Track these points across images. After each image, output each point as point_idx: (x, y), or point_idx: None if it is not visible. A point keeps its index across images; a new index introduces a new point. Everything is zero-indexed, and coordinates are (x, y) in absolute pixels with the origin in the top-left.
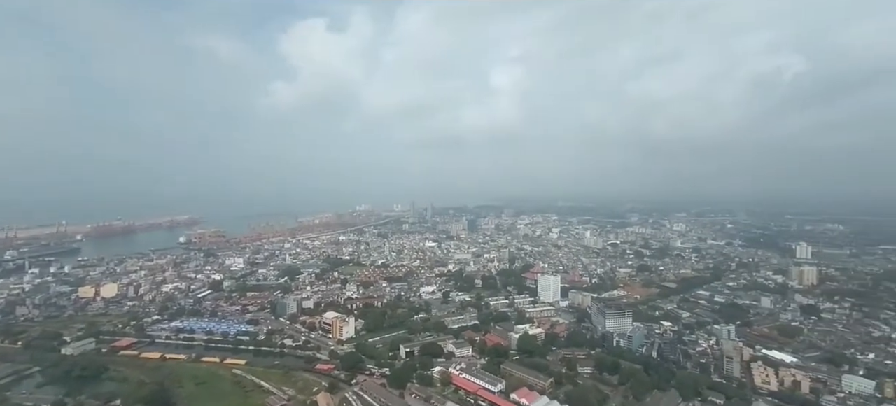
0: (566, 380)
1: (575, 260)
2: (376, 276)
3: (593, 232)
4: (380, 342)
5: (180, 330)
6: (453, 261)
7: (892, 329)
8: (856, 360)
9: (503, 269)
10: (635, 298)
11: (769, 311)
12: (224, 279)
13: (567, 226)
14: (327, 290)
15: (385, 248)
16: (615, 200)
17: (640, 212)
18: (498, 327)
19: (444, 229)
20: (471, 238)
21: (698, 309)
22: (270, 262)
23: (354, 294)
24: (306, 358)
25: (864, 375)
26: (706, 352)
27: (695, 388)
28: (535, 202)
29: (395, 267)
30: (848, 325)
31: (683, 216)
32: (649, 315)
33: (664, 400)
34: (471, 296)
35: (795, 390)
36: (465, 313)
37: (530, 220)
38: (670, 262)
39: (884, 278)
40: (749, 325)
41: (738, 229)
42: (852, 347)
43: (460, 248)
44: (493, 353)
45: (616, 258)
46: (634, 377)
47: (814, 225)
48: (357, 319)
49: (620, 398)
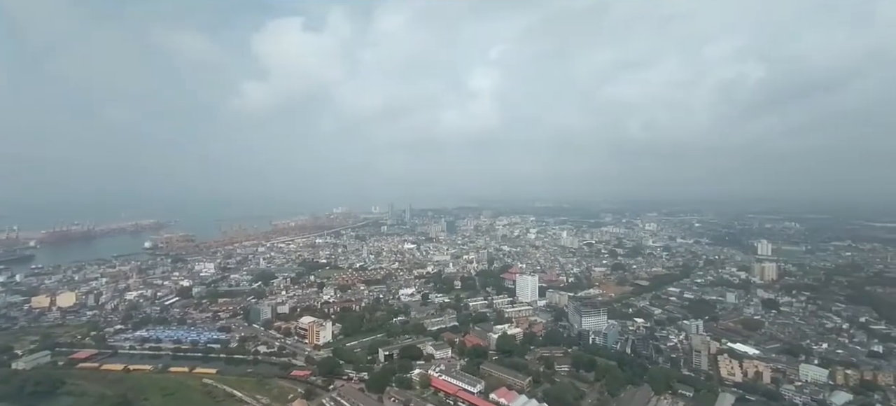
0: (544, 378)
1: (552, 260)
2: (354, 280)
3: (569, 232)
4: (358, 346)
5: (146, 339)
6: (432, 262)
7: (842, 320)
8: (811, 350)
9: (482, 269)
10: (610, 296)
11: (734, 305)
12: (193, 285)
13: (544, 226)
14: (303, 295)
15: (363, 251)
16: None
17: (613, 212)
18: (477, 328)
19: (423, 231)
20: (450, 239)
21: (669, 305)
22: (243, 266)
23: (331, 298)
24: (281, 364)
25: (819, 364)
26: (676, 346)
27: (666, 382)
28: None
29: (374, 270)
30: (804, 317)
31: (655, 216)
32: (623, 312)
33: (637, 395)
34: (450, 297)
35: (758, 381)
36: (445, 315)
37: (509, 221)
38: (643, 260)
39: (835, 273)
40: (716, 320)
41: (706, 228)
42: (808, 338)
43: (439, 250)
44: (472, 354)
45: (591, 257)
46: (609, 373)
47: (773, 223)
48: (334, 324)
49: (596, 394)
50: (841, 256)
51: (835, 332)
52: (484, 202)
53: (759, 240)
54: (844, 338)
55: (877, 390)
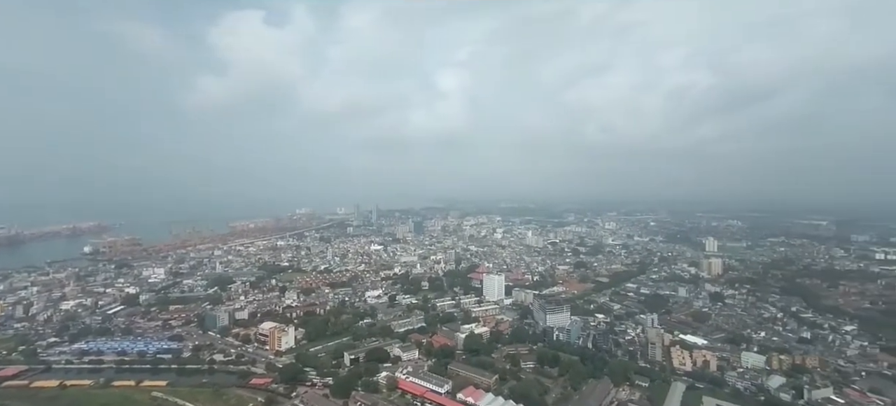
0: (510, 375)
1: (518, 259)
2: (318, 282)
3: (534, 232)
4: (322, 351)
5: (85, 352)
6: (400, 263)
7: (777, 310)
8: (751, 338)
9: (450, 270)
10: (573, 293)
11: (685, 299)
12: (141, 292)
13: (510, 226)
14: (264, 299)
15: (328, 253)
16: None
17: (576, 212)
18: (445, 328)
19: (390, 232)
20: (417, 240)
21: (627, 301)
22: (198, 271)
23: (294, 302)
24: (240, 373)
25: (757, 351)
26: (634, 339)
27: (624, 374)
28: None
29: (339, 272)
30: (745, 308)
31: (614, 215)
32: (585, 308)
33: (598, 387)
34: (417, 298)
35: (706, 369)
36: (412, 316)
37: (476, 221)
38: (603, 258)
39: (771, 267)
40: (669, 313)
41: (660, 226)
42: (748, 327)
43: (407, 251)
44: (439, 355)
45: (555, 256)
46: (572, 368)
47: (718, 221)
48: (297, 328)
49: (560, 389)
50: (776, 251)
51: (771, 321)
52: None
53: (707, 237)
54: (779, 326)
55: (806, 373)
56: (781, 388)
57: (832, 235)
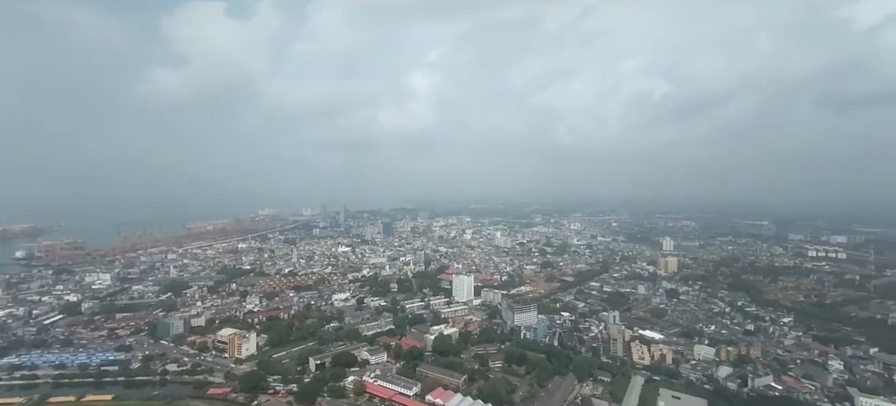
0: (479, 375)
1: (487, 259)
2: (282, 286)
3: (503, 232)
4: (286, 357)
5: (16, 367)
6: (368, 265)
7: (725, 305)
8: (703, 332)
9: (419, 271)
10: (540, 292)
11: (644, 296)
12: (83, 300)
13: (479, 227)
14: (223, 305)
15: (292, 255)
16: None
17: (543, 212)
18: (414, 330)
19: (358, 233)
20: (386, 241)
21: (591, 299)
22: (149, 276)
23: (256, 307)
24: (196, 383)
25: (708, 344)
26: (597, 336)
27: (588, 370)
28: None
29: (305, 275)
30: (697, 303)
31: (579, 216)
32: (551, 307)
33: (563, 384)
34: (386, 300)
35: (662, 362)
36: (381, 318)
37: (445, 222)
38: (568, 257)
39: (720, 264)
40: (629, 310)
41: (622, 227)
42: (700, 322)
43: (375, 252)
44: (408, 357)
45: (523, 256)
46: (539, 366)
47: (674, 222)
48: (259, 334)
49: (527, 387)
50: (724, 250)
51: (720, 315)
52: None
53: (664, 237)
54: (727, 320)
55: (750, 363)
56: (729, 377)
57: (772, 234)
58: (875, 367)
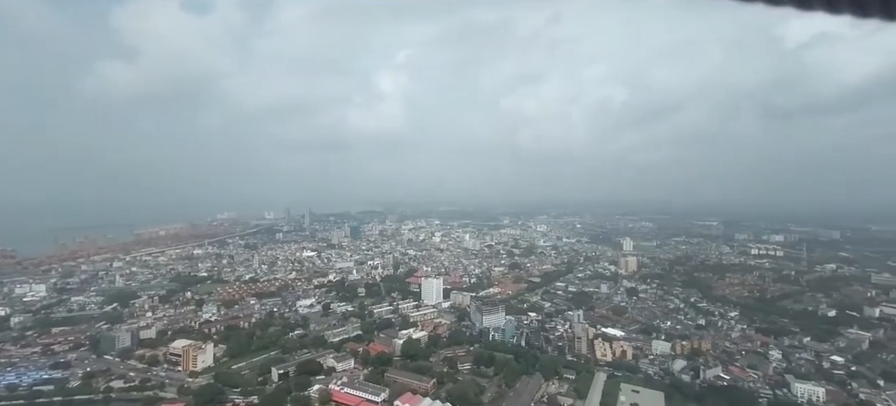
0: (448, 378)
1: (456, 262)
2: (243, 293)
3: (472, 235)
4: (246, 367)
5: None
6: (335, 270)
7: (679, 301)
8: (660, 327)
9: (387, 275)
10: (508, 294)
11: (606, 295)
12: (12, 314)
13: (448, 230)
14: (177, 315)
15: (254, 261)
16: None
17: (510, 215)
18: (382, 335)
19: (324, 237)
20: (354, 245)
21: (557, 299)
22: (91, 286)
23: (214, 316)
24: (145, 399)
25: (664, 339)
26: (562, 335)
27: (554, 369)
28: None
29: (267, 281)
30: (655, 301)
31: (545, 218)
32: (519, 308)
33: (531, 383)
34: (354, 305)
35: (623, 358)
36: (348, 324)
37: (414, 225)
38: (535, 259)
39: (675, 263)
40: (593, 309)
41: (585, 228)
42: (657, 318)
43: (342, 257)
44: (376, 362)
45: (491, 258)
46: (507, 366)
47: (634, 223)
48: (217, 345)
49: (495, 388)
50: (679, 249)
51: (675, 311)
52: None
53: (625, 238)
54: (681, 316)
55: (701, 355)
56: (683, 370)
57: (721, 234)
58: (808, 355)
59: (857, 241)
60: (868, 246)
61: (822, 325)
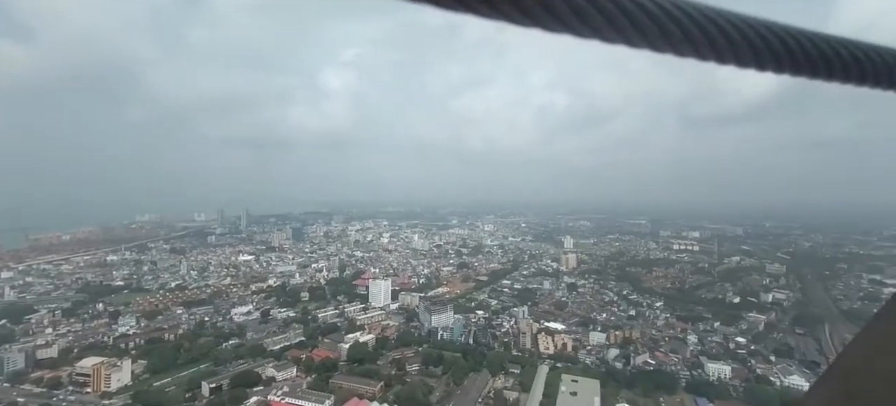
0: (396, 380)
1: (405, 263)
2: (168, 303)
3: (421, 235)
4: (173, 383)
5: None
6: (275, 274)
7: (614, 294)
8: (596, 320)
9: (333, 278)
10: (456, 293)
11: (549, 291)
12: None
13: (397, 230)
14: (85, 330)
15: (181, 267)
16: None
17: (459, 215)
18: (327, 340)
19: (263, 240)
20: (297, 248)
21: (503, 296)
22: None
23: (132, 329)
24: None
25: (600, 330)
26: (508, 331)
27: (500, 364)
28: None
29: (197, 288)
30: (592, 295)
31: (492, 218)
32: (467, 306)
33: (478, 380)
34: (296, 311)
35: (564, 350)
36: (290, 331)
37: (361, 225)
38: (483, 257)
39: (610, 259)
40: (537, 304)
41: (530, 227)
42: (594, 311)
43: (284, 260)
44: (321, 369)
45: (440, 258)
46: (455, 365)
47: (573, 222)
48: (136, 361)
49: (443, 386)
50: (613, 246)
51: (609, 303)
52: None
53: (565, 235)
54: (615, 307)
55: (632, 344)
56: (616, 358)
57: (648, 231)
58: (718, 338)
59: (755, 236)
60: (764, 240)
61: (728, 311)
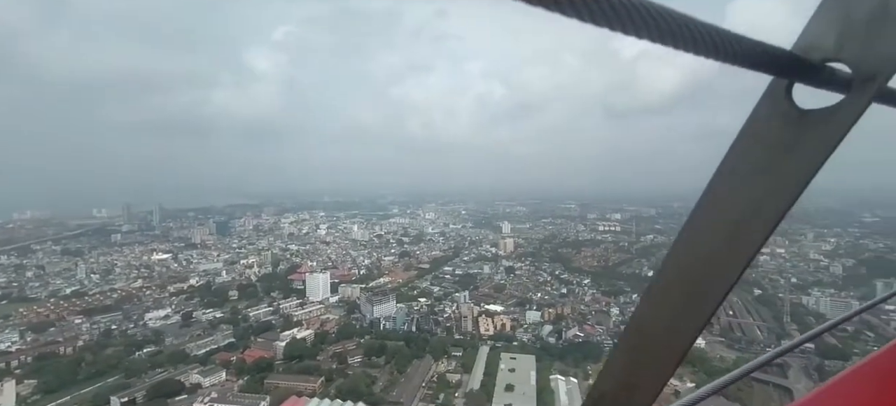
0: (337, 374)
1: (344, 254)
2: (62, 312)
3: (360, 225)
4: (73, 402)
5: None
6: (197, 273)
7: (547, 275)
8: (532, 299)
9: (266, 273)
10: (398, 282)
11: (489, 275)
12: None
13: (335, 221)
14: None
15: (78, 270)
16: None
17: (399, 204)
18: (260, 339)
19: (181, 236)
20: (222, 243)
21: (445, 282)
22: None
23: (16, 344)
24: None
25: (536, 309)
26: (451, 316)
27: (443, 349)
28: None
29: (99, 294)
30: (528, 276)
31: (433, 206)
32: (410, 295)
33: (421, 366)
34: (224, 311)
35: (503, 330)
36: (217, 333)
37: (296, 217)
38: (424, 245)
39: (544, 242)
40: (477, 289)
41: (470, 214)
42: (530, 291)
43: (207, 257)
44: (254, 370)
45: (381, 248)
46: (398, 353)
47: (510, 208)
48: (22, 381)
49: (387, 375)
50: (546, 229)
51: (544, 283)
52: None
53: (503, 221)
54: (549, 287)
55: (563, 319)
56: (550, 333)
57: (578, 215)
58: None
59: (666, 216)
60: (672, 219)
61: (645, 284)
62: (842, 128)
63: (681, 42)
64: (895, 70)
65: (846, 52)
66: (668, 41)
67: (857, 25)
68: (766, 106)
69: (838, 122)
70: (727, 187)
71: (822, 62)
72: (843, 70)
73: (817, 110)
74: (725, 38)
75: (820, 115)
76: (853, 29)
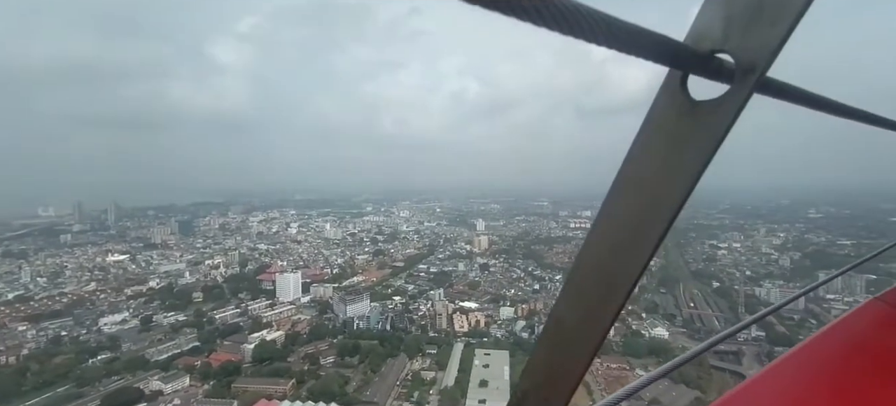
0: (309, 376)
1: (316, 253)
2: (3, 319)
3: (333, 224)
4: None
5: None
6: (158, 275)
7: (521, 271)
8: (506, 296)
9: (233, 274)
10: (372, 281)
11: (463, 272)
12: None
13: (307, 219)
14: None
15: (22, 274)
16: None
17: (373, 202)
18: (227, 342)
19: (140, 236)
20: (185, 243)
21: (419, 280)
22: None
23: None
24: None
25: (509, 305)
26: (425, 314)
27: (417, 347)
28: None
29: (47, 298)
30: (502, 273)
31: (408, 204)
32: (384, 293)
33: (396, 364)
34: (187, 314)
35: (478, 327)
36: (180, 337)
37: (265, 216)
38: (399, 244)
39: (518, 239)
40: (452, 286)
41: (444, 212)
42: (504, 288)
43: (169, 258)
44: (221, 374)
45: (355, 246)
46: (372, 353)
47: (485, 205)
48: None
49: (361, 375)
50: (520, 227)
51: (517, 280)
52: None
53: (478, 219)
54: (522, 283)
55: (536, 314)
56: (523, 328)
57: (550, 212)
58: None
59: None
60: None
61: None
62: (727, 118)
63: (578, 31)
64: (772, 61)
65: (730, 42)
66: (567, 30)
67: (739, 15)
68: (663, 97)
69: (724, 112)
70: (632, 178)
71: (711, 53)
72: (729, 61)
73: (707, 101)
74: (623, 28)
75: (709, 106)
76: (736, 19)
